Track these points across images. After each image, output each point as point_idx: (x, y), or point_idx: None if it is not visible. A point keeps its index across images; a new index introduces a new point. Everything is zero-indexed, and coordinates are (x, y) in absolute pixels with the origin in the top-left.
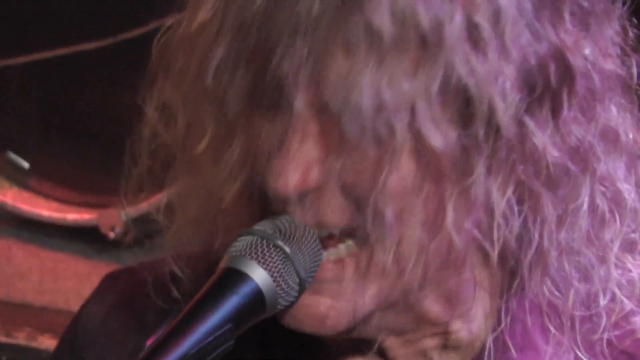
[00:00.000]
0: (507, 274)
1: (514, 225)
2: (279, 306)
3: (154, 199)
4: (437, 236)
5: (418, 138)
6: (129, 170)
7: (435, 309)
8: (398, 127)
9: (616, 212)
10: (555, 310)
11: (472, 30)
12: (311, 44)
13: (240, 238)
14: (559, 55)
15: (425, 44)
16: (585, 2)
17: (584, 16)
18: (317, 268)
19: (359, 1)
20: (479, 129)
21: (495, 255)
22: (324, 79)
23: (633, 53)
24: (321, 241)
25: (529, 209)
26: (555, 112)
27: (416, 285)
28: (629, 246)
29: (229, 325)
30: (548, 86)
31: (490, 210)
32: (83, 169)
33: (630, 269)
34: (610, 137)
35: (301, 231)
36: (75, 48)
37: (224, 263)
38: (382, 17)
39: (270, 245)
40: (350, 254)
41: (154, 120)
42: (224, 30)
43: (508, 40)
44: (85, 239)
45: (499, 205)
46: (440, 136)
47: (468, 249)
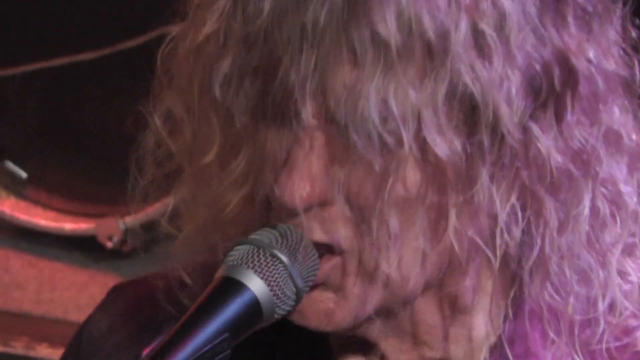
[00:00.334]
0: (508, 280)
1: (517, 231)
2: (276, 315)
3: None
4: (440, 244)
5: (424, 147)
6: (134, 179)
7: (436, 315)
8: (404, 137)
9: (617, 215)
10: (555, 316)
11: (478, 37)
12: (317, 55)
13: (237, 247)
14: (563, 59)
15: (431, 53)
16: (587, 4)
17: (586, 18)
18: (314, 277)
19: (365, 11)
20: (484, 136)
21: (497, 262)
22: (330, 89)
23: (635, 53)
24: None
25: (532, 214)
26: (559, 116)
27: (418, 292)
28: (629, 250)
29: (225, 335)
30: (552, 90)
31: (493, 216)
32: (81, 179)
33: (630, 273)
34: (612, 139)
35: (298, 240)
36: (74, 58)
37: (221, 272)
38: (388, 27)
39: (267, 255)
40: (354, 254)
41: (158, 129)
42: (230, 42)
43: (513, 46)
44: (83, 249)
45: (503, 212)
46: (445, 145)
47: (470, 256)
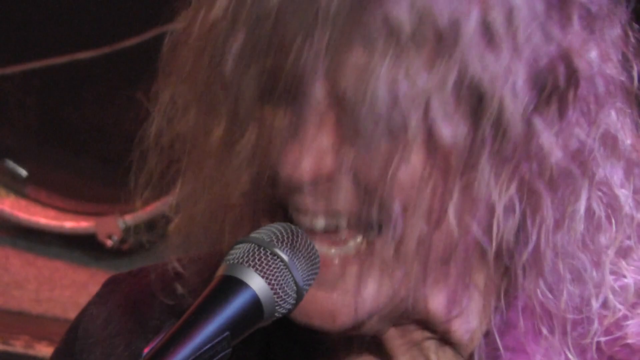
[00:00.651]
0: (502, 275)
1: (513, 223)
2: (277, 314)
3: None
4: (439, 229)
5: (430, 132)
6: (137, 168)
7: (434, 307)
8: (412, 120)
9: (612, 218)
10: (548, 313)
11: (487, 28)
12: (330, 36)
13: (238, 246)
14: (567, 58)
15: (442, 40)
16: (591, 6)
17: (590, 20)
18: (315, 276)
19: None
20: (488, 125)
21: (492, 252)
22: (341, 70)
23: (634, 58)
24: (329, 237)
25: (529, 209)
26: (561, 113)
27: (417, 281)
28: (624, 252)
29: (226, 334)
30: (556, 87)
31: (491, 206)
32: (80, 178)
33: (624, 274)
34: (609, 142)
35: (299, 239)
36: (72, 57)
37: (221, 271)
38: (401, 12)
39: (268, 253)
40: (357, 253)
41: (162, 116)
42: (240, 23)
43: (521, 40)
44: (83, 247)
45: (501, 202)
46: (451, 131)
47: (467, 245)
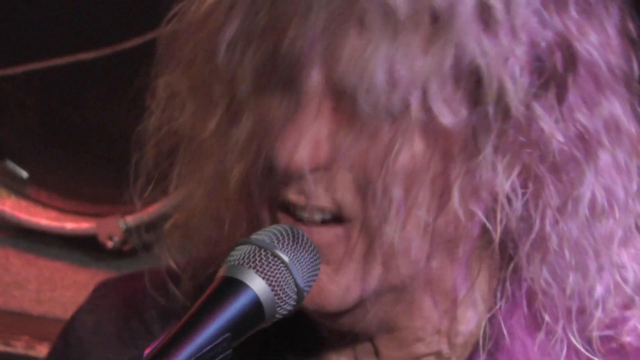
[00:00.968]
0: (505, 262)
1: (517, 208)
2: (278, 315)
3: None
4: (442, 216)
5: (429, 116)
6: (136, 167)
7: (431, 309)
8: (410, 105)
9: (614, 206)
10: (551, 299)
11: (484, 10)
12: (325, 20)
13: (238, 247)
14: (565, 43)
15: (438, 22)
16: None
17: (587, 6)
18: (316, 277)
19: None
20: (488, 109)
21: (497, 238)
22: (338, 55)
23: (633, 49)
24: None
25: (532, 194)
26: (561, 98)
27: (418, 268)
28: (624, 241)
29: (227, 335)
30: (554, 72)
31: (494, 192)
32: (81, 178)
33: (625, 265)
34: (612, 129)
35: (299, 240)
36: (74, 58)
37: (222, 272)
38: None
39: (269, 255)
40: (357, 238)
41: (160, 109)
42: (235, 9)
43: (518, 24)
44: (84, 248)
45: (504, 187)
46: (451, 114)
47: (471, 231)
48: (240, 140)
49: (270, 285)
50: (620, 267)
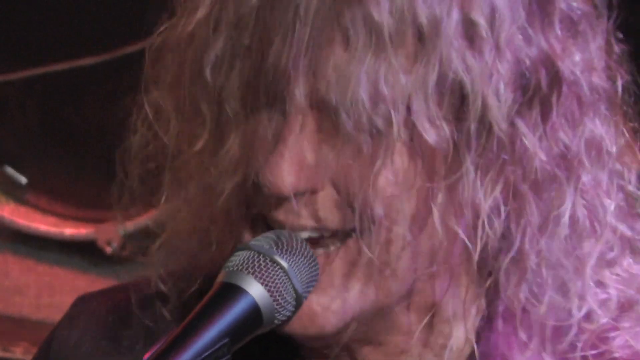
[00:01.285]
0: (484, 280)
1: (498, 226)
2: (276, 321)
3: (152, 213)
4: (423, 233)
5: (412, 133)
6: (121, 183)
7: (413, 324)
8: (394, 121)
9: (596, 226)
10: (528, 318)
11: (469, 27)
12: (309, 36)
13: (237, 253)
14: (549, 61)
15: (423, 39)
16: (573, 13)
17: (572, 28)
18: (315, 283)
19: None
20: (472, 126)
21: (476, 255)
22: (321, 71)
23: (617, 67)
24: (312, 242)
25: (513, 212)
26: (545, 116)
27: (400, 285)
28: (607, 263)
29: (225, 340)
30: (539, 90)
31: (476, 209)
32: (80, 184)
33: (607, 284)
34: (594, 149)
35: (298, 246)
36: (74, 63)
37: (221, 278)
38: (381, 11)
39: (268, 261)
40: (341, 256)
41: (146, 127)
42: (221, 27)
43: (503, 41)
44: (83, 254)
45: (485, 204)
46: (434, 131)
47: (452, 248)
48: (227, 158)
49: (269, 291)
50: (605, 287)
